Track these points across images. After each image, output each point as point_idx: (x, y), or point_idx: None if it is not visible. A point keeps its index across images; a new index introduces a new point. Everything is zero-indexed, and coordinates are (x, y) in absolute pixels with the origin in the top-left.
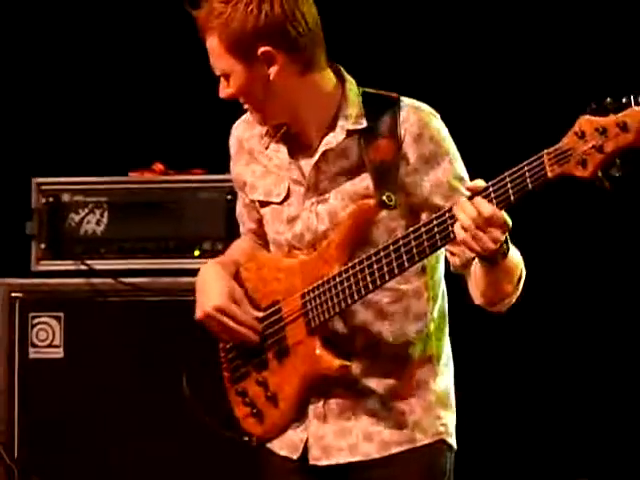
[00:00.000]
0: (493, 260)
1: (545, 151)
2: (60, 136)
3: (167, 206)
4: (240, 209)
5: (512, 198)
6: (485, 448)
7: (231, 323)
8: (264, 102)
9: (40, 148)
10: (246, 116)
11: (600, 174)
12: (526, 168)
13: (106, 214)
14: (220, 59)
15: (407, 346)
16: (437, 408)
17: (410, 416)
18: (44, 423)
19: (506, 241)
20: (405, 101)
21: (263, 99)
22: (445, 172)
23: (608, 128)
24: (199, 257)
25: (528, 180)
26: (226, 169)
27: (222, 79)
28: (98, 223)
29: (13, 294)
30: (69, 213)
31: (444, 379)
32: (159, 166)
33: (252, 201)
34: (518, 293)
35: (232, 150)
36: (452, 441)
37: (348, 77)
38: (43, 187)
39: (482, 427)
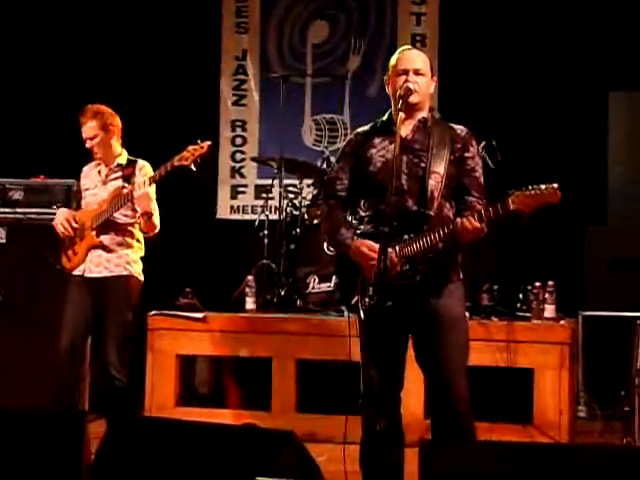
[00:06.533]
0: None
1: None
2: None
3: (47, 190)
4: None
5: None
6: None
7: (62, 228)
8: (104, 149)
9: None
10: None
11: None
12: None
13: (23, 193)
14: (92, 131)
15: (127, 235)
16: (133, 262)
17: (122, 263)
18: None
19: None
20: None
21: (105, 147)
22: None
23: None
24: (56, 208)
25: None
26: (64, 176)
27: (88, 140)
28: (19, 196)
29: None
30: (8, 192)
31: (137, 252)
32: (41, 177)
33: (82, 189)
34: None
35: (82, 174)
36: (140, 277)
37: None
38: None
39: None
